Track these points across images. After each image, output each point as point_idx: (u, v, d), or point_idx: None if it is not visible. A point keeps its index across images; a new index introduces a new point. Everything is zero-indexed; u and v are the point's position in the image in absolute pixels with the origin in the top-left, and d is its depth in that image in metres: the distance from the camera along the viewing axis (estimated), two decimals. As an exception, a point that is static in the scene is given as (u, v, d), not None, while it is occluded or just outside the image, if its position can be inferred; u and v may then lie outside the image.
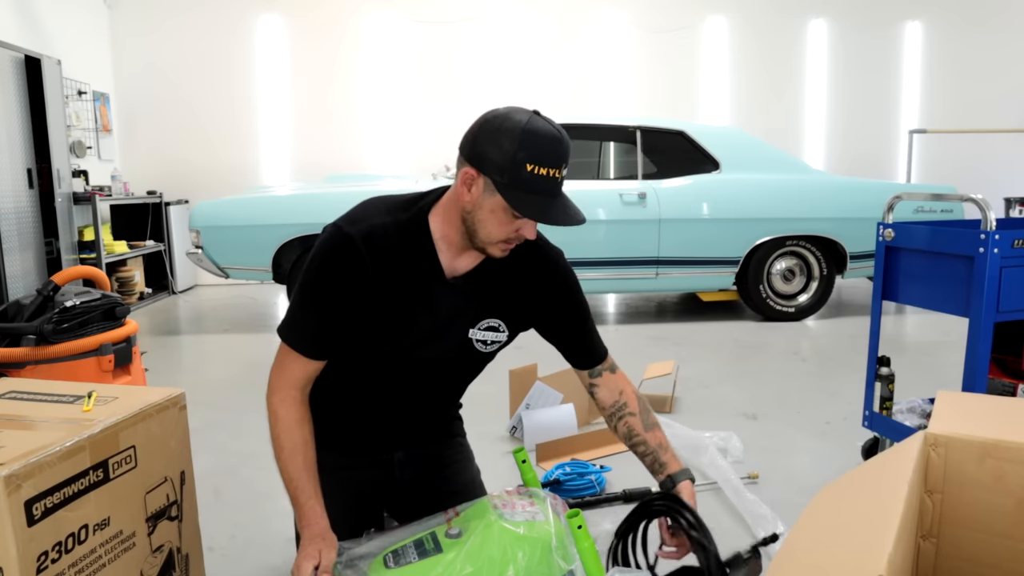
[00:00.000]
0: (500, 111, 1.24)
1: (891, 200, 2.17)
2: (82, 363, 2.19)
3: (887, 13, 7.07)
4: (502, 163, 1.20)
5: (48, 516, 1.11)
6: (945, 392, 1.33)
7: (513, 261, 1.38)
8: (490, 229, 1.26)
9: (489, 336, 1.42)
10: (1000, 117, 7.14)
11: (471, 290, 1.37)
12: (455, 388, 1.55)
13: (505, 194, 1.21)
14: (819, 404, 3.11)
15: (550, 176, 1.21)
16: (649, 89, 6.93)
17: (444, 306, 1.36)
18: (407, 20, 6.68)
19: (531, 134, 1.19)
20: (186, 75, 6.62)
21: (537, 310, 1.45)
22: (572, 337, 1.49)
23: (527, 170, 1.19)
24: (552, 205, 1.23)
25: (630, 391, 1.50)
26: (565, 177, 1.25)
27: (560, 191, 1.25)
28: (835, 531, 0.89)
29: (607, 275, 4.64)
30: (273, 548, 1.93)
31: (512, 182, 1.20)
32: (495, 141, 1.21)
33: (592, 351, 1.50)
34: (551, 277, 1.44)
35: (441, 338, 1.38)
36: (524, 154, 1.19)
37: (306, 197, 4.51)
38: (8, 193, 4.58)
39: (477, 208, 1.26)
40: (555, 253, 1.46)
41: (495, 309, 1.41)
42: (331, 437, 1.47)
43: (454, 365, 1.45)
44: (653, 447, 1.44)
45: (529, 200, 1.21)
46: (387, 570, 1.21)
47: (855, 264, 4.81)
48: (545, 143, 1.20)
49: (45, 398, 1.37)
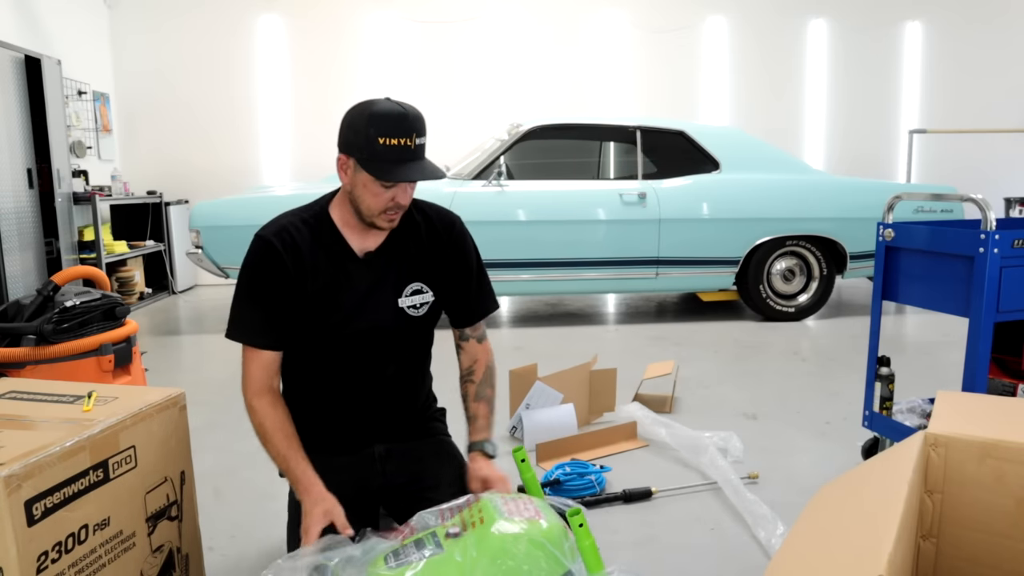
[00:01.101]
0: (358, 104, 1.45)
1: (891, 200, 2.17)
2: (82, 363, 2.19)
3: (887, 13, 7.07)
4: (359, 142, 1.41)
5: (48, 516, 1.11)
6: (945, 392, 1.33)
7: (414, 228, 1.58)
8: (368, 202, 1.46)
9: (417, 300, 1.58)
10: (1000, 117, 7.14)
11: (385, 262, 1.55)
12: (411, 362, 1.65)
13: (366, 166, 1.41)
14: (819, 404, 3.11)
15: (401, 145, 1.40)
16: (649, 89, 6.93)
17: (363, 281, 1.53)
18: (407, 20, 6.68)
19: (378, 114, 1.40)
20: (186, 75, 6.62)
21: (438, 267, 1.61)
22: (456, 295, 1.64)
23: (379, 143, 1.39)
24: (410, 168, 1.41)
25: (483, 362, 1.67)
26: (422, 146, 1.43)
27: (416, 157, 1.43)
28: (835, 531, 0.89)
29: (607, 275, 4.64)
30: (273, 548, 1.93)
31: (370, 156, 1.41)
32: (352, 127, 1.43)
33: (470, 312, 1.67)
34: (448, 236, 1.61)
35: (369, 310, 1.54)
36: (374, 130, 1.39)
37: (306, 197, 4.45)
38: (8, 193, 4.58)
39: (354, 187, 1.46)
40: (451, 217, 1.65)
41: (413, 274, 1.58)
42: (310, 437, 1.52)
43: (396, 335, 1.58)
44: (469, 415, 1.63)
45: (386, 168, 1.40)
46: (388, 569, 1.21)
47: (855, 264, 4.81)
48: (391, 119, 1.40)
49: (45, 398, 1.37)
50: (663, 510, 2.14)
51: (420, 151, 1.44)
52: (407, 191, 1.47)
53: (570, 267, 4.60)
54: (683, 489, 2.27)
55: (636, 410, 2.79)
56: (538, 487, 1.50)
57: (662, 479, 2.34)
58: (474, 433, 1.59)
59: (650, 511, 2.14)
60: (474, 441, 1.57)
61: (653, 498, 2.21)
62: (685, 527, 2.03)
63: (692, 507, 2.16)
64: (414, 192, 1.51)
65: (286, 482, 2.32)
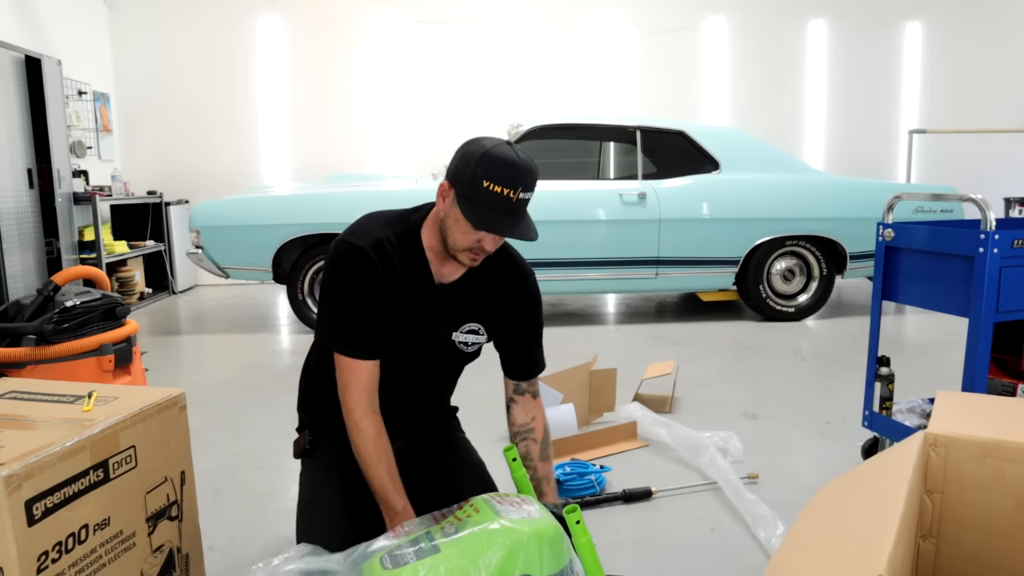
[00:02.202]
0: (479, 138, 1.42)
1: (891, 200, 2.17)
2: (82, 363, 2.19)
3: (887, 13, 7.07)
4: (464, 178, 1.38)
5: (48, 516, 1.11)
6: (945, 392, 1.33)
7: (492, 274, 1.56)
8: (456, 236, 1.43)
9: (470, 338, 1.58)
10: (1000, 117, 7.14)
11: (455, 297, 1.54)
12: (444, 382, 1.69)
13: (462, 205, 1.38)
14: (819, 404, 3.11)
15: (504, 194, 1.36)
16: (649, 89, 6.93)
17: (432, 309, 1.52)
18: (407, 20, 6.68)
19: (492, 157, 1.36)
20: (186, 75, 6.62)
21: (502, 318, 1.61)
22: (518, 348, 1.64)
23: (483, 186, 1.35)
24: (503, 221, 1.37)
25: (541, 421, 1.64)
26: (525, 200, 1.39)
27: (517, 210, 1.38)
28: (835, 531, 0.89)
29: (607, 275, 4.64)
30: (273, 548, 1.93)
31: (471, 195, 1.37)
32: (464, 159, 1.39)
33: (528, 366, 1.66)
34: (520, 292, 1.61)
35: (428, 338, 1.53)
36: (482, 171, 1.35)
37: (306, 197, 4.51)
38: (8, 193, 4.58)
39: (447, 216, 1.44)
40: (527, 271, 1.64)
41: (475, 314, 1.57)
42: (333, 430, 1.55)
43: (440, 362, 1.60)
44: (540, 476, 1.59)
45: (481, 213, 1.37)
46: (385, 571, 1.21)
47: (855, 264, 4.81)
48: (503, 165, 1.36)
49: (45, 398, 1.37)
50: (663, 510, 2.14)
51: (521, 205, 1.39)
52: (494, 240, 1.44)
53: (570, 267, 4.60)
54: (683, 489, 2.27)
55: (636, 410, 2.79)
56: (529, 486, 1.51)
57: (662, 479, 2.34)
58: (550, 496, 1.58)
59: (650, 511, 2.14)
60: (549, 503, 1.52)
61: (653, 498, 2.21)
62: (685, 527, 2.04)
63: (692, 507, 2.16)
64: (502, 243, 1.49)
65: (286, 482, 2.34)
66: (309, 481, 1.60)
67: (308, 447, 1.62)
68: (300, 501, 1.60)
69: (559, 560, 1.26)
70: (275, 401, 3.22)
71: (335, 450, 1.55)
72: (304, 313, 4.58)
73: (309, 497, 1.57)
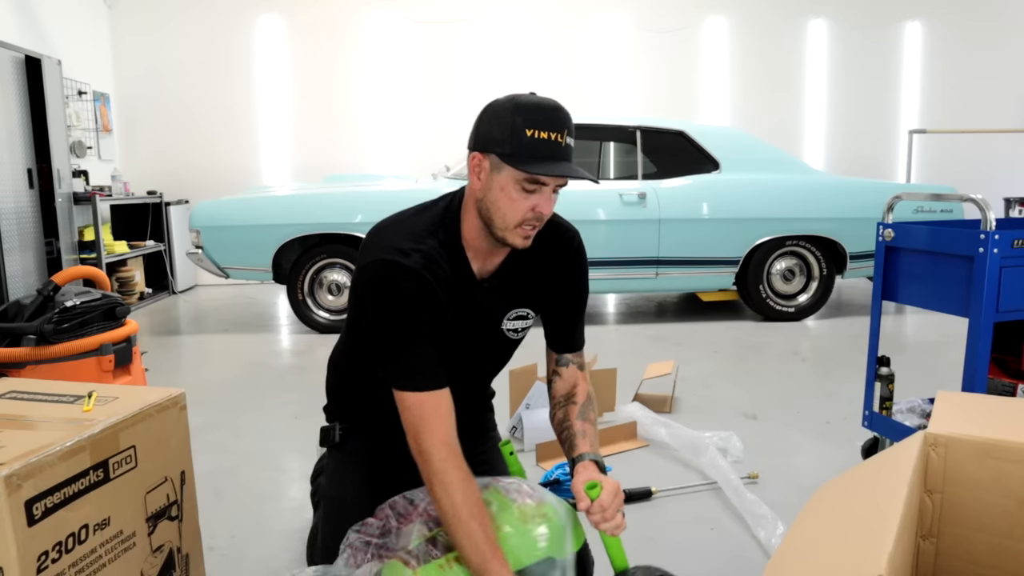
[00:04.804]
0: (499, 98, 1.29)
1: (891, 200, 2.17)
2: (82, 363, 2.19)
3: (887, 13, 7.07)
4: (502, 135, 1.23)
5: (48, 516, 1.11)
6: (945, 392, 1.33)
7: (534, 247, 1.40)
8: (504, 211, 1.27)
9: (519, 324, 1.48)
10: (1000, 117, 7.14)
11: (499, 287, 1.42)
12: (487, 375, 1.58)
13: (509, 160, 1.23)
14: (819, 404, 3.11)
15: (552, 140, 1.22)
16: (649, 89, 6.93)
17: (475, 305, 1.41)
18: (407, 20, 6.68)
19: (525, 103, 1.24)
20: (186, 75, 6.62)
21: (550, 290, 1.48)
22: (564, 316, 1.51)
23: (527, 135, 1.21)
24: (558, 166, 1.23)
25: (583, 388, 1.52)
26: (571, 147, 1.26)
27: (566, 157, 1.25)
28: (834, 531, 0.89)
29: (607, 275, 4.64)
30: (273, 548, 1.93)
31: (516, 149, 1.22)
32: (493, 120, 1.26)
33: (574, 337, 1.54)
34: (567, 253, 1.47)
35: (476, 333, 1.44)
36: (521, 119, 1.22)
37: (306, 197, 4.51)
38: (8, 193, 4.58)
39: (488, 191, 1.28)
40: (572, 229, 1.49)
41: (522, 299, 1.46)
42: (368, 426, 1.50)
43: (487, 353, 1.50)
44: (575, 432, 1.43)
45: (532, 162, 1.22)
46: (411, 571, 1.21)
47: (855, 264, 4.81)
48: (541, 109, 1.23)
49: (45, 398, 1.37)
50: (663, 510, 2.14)
51: (569, 152, 1.26)
52: (550, 199, 1.28)
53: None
54: (683, 489, 2.27)
55: (636, 410, 2.79)
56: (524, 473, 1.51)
57: (662, 479, 2.34)
58: (582, 445, 1.40)
59: (650, 511, 2.14)
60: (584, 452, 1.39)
61: (653, 498, 2.21)
62: (685, 527, 2.03)
63: (692, 507, 2.16)
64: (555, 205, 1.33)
65: (286, 482, 2.34)
66: (337, 476, 1.55)
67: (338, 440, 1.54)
68: (324, 493, 1.56)
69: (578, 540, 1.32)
70: (275, 401, 3.22)
71: (365, 446, 1.50)
72: (304, 313, 4.58)
73: (335, 494, 1.52)
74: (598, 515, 1.27)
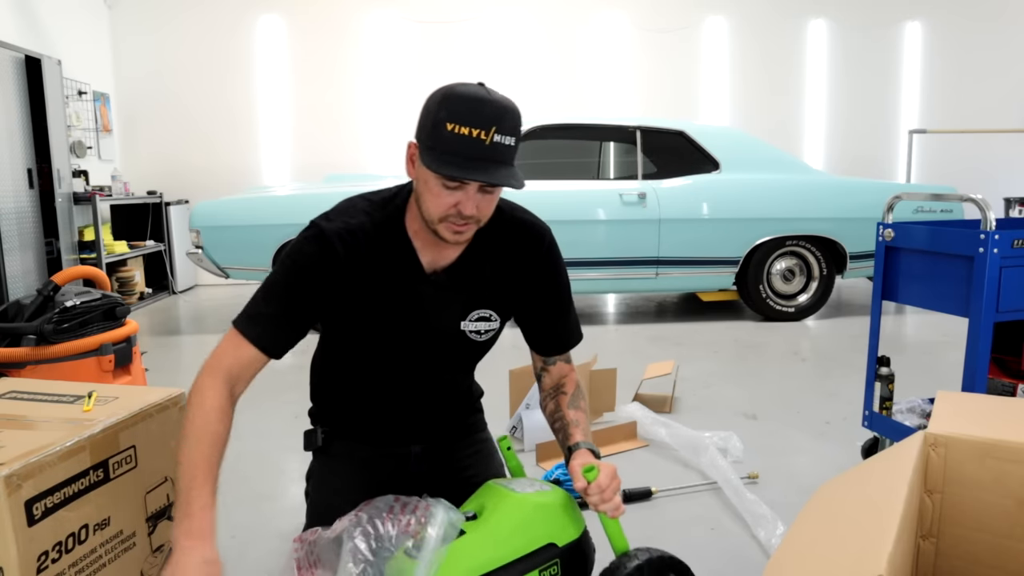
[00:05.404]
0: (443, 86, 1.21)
1: (891, 200, 2.17)
2: (82, 363, 2.19)
3: (887, 13, 7.07)
4: (427, 125, 1.18)
5: (48, 516, 1.11)
6: (945, 392, 1.33)
7: (496, 244, 1.36)
8: (427, 204, 1.22)
9: (482, 326, 1.41)
10: (1000, 117, 7.14)
11: (455, 284, 1.35)
12: (460, 376, 1.54)
13: (425, 156, 1.17)
14: (819, 404, 3.11)
15: (474, 137, 1.13)
16: (649, 89, 6.93)
17: (429, 303, 1.35)
18: (407, 20, 6.68)
19: (457, 95, 1.15)
20: (186, 75, 6.62)
21: (520, 290, 1.41)
22: (542, 321, 1.46)
23: (447, 129, 1.13)
24: (474, 166, 1.14)
25: (572, 377, 1.49)
26: (503, 146, 1.15)
27: (493, 157, 1.15)
28: (834, 531, 0.89)
29: (607, 275, 4.64)
30: (273, 548, 1.93)
31: (434, 143, 1.16)
32: (425, 108, 1.20)
33: (558, 338, 1.48)
34: (534, 253, 1.40)
35: (431, 333, 1.38)
36: (445, 112, 1.14)
37: (306, 197, 4.51)
38: (8, 193, 4.58)
39: (418, 181, 1.23)
40: (541, 228, 1.42)
41: (484, 299, 1.39)
42: (350, 428, 1.50)
43: (451, 356, 1.44)
44: (568, 421, 1.41)
45: (444, 157, 1.14)
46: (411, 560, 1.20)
47: (855, 264, 4.81)
48: (469, 103, 1.14)
49: (45, 398, 1.37)
50: (663, 510, 2.14)
51: (498, 152, 1.15)
52: (474, 200, 1.19)
53: (570, 267, 4.58)
54: (683, 489, 2.27)
55: (636, 410, 2.79)
56: (524, 474, 1.51)
57: (662, 479, 2.34)
58: (576, 435, 1.38)
59: (650, 511, 2.14)
60: (579, 441, 1.37)
61: (653, 498, 2.21)
62: (685, 527, 2.03)
63: (692, 507, 2.16)
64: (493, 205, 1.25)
65: (286, 482, 2.34)
66: (322, 482, 1.54)
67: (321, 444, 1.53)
68: (311, 499, 1.55)
69: (578, 526, 1.33)
70: (275, 401, 3.22)
71: (349, 448, 1.49)
72: (304, 313, 4.58)
73: (321, 501, 1.51)
74: (596, 496, 1.26)
